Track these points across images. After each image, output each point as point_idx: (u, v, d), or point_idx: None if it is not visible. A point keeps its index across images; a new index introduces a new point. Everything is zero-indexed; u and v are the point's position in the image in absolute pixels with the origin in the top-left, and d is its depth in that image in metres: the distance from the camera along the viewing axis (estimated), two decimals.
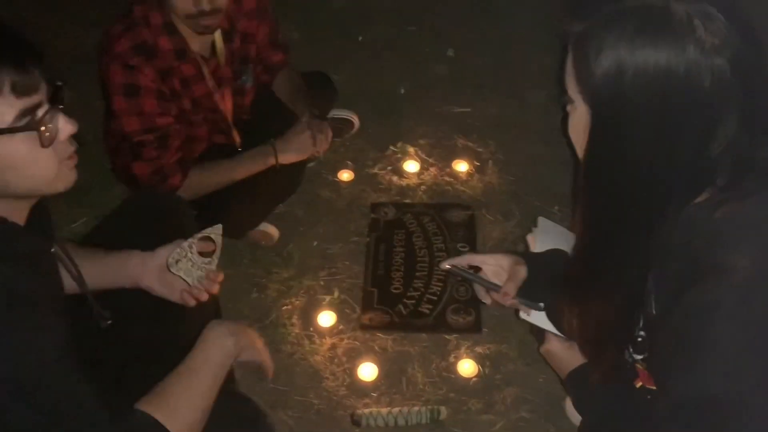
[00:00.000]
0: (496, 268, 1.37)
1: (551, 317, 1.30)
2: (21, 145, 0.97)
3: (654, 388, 1.08)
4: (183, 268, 1.32)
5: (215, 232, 1.36)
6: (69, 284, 1.25)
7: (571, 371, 1.28)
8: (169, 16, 1.67)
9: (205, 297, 1.35)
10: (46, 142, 0.98)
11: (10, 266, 0.97)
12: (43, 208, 1.13)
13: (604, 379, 1.15)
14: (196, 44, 1.74)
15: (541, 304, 1.32)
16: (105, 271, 1.34)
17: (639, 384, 1.12)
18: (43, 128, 0.98)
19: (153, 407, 1.06)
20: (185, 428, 1.08)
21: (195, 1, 1.59)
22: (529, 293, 1.33)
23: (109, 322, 1.29)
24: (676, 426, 0.89)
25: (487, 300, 1.38)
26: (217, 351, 1.19)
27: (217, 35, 1.78)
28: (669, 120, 0.84)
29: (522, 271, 1.33)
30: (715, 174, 0.88)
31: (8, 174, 0.98)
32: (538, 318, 1.33)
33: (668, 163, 0.86)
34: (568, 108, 0.95)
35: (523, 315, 1.36)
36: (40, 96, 0.97)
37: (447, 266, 1.38)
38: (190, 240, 1.33)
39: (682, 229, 0.90)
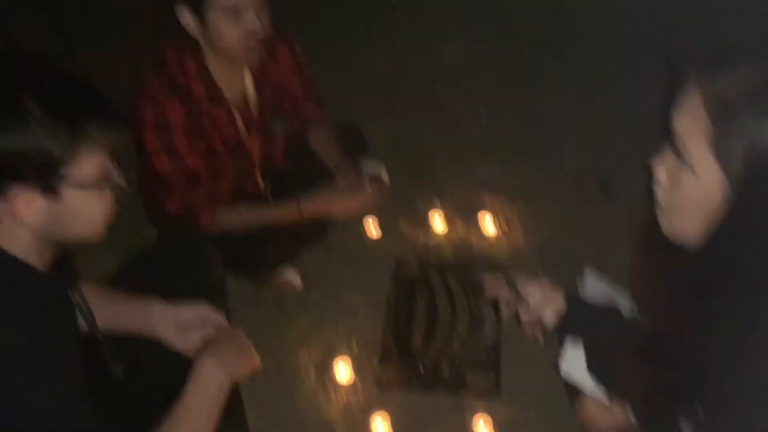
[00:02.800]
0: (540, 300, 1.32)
1: (602, 376, 1.23)
2: (96, 198, 1.04)
3: None
4: None
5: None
6: (85, 330, 1.26)
7: None
8: (203, 59, 1.72)
9: None
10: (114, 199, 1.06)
11: (29, 310, 1.00)
12: (67, 252, 1.15)
13: None
14: (228, 90, 1.79)
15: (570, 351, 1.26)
16: (124, 315, 1.35)
17: None
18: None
19: None
20: None
21: (247, 36, 1.62)
22: (564, 330, 1.27)
23: (122, 371, 1.31)
24: None
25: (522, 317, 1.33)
26: (210, 387, 1.19)
27: (248, 81, 1.82)
28: None
29: (560, 302, 1.29)
30: None
31: (70, 220, 1.03)
32: (576, 369, 1.27)
33: None
34: (676, 167, 0.87)
35: (563, 369, 1.29)
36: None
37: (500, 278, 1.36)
38: None
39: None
